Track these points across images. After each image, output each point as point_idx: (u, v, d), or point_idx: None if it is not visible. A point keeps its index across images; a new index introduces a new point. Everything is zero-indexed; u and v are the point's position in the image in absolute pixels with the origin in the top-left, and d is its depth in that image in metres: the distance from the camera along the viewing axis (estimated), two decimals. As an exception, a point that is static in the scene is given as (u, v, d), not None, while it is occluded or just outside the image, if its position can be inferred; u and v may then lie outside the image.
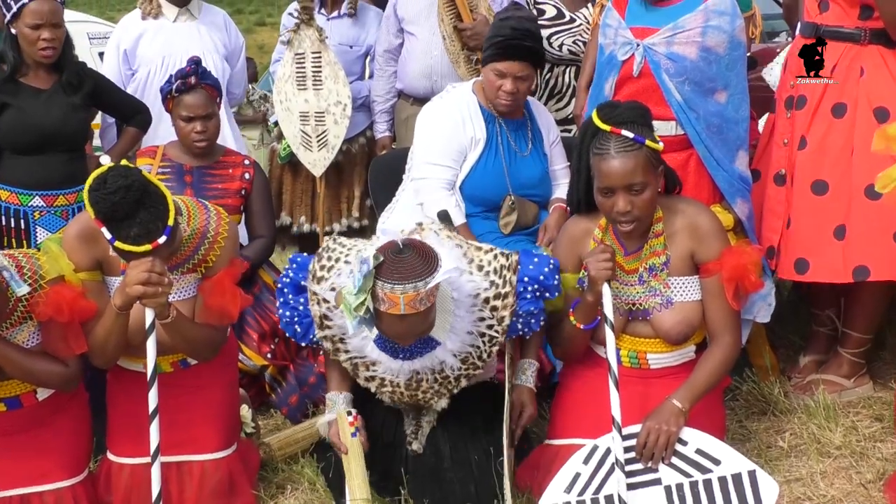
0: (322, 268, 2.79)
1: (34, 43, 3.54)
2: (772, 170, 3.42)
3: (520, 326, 2.82)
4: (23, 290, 2.61)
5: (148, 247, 2.53)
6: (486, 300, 2.73)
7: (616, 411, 2.65)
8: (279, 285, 2.90)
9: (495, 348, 2.80)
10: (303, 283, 2.83)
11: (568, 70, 4.23)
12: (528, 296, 2.78)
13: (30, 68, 3.63)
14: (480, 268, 2.76)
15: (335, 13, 4.54)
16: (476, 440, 2.89)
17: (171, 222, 2.56)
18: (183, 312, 2.80)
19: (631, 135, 2.70)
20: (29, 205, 3.64)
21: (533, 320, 2.83)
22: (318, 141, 4.34)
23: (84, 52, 6.54)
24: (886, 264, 3.13)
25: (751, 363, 3.55)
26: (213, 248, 2.86)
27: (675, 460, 2.67)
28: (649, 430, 2.67)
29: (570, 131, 4.11)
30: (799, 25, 3.43)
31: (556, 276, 2.85)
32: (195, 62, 3.67)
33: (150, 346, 2.62)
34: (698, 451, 2.67)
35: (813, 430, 3.17)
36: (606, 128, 2.73)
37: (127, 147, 3.95)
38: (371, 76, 4.65)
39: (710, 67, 3.22)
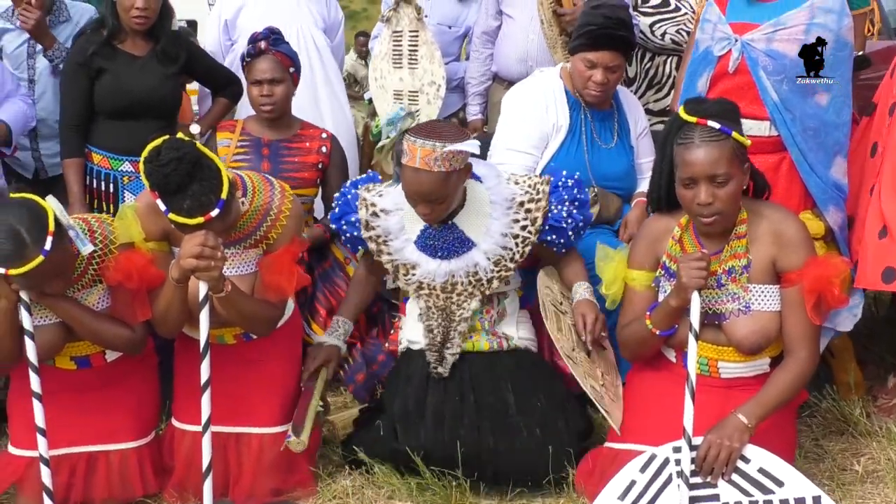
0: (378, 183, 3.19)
1: (128, 10, 3.60)
2: (867, 181, 3.20)
3: (566, 230, 3.02)
4: (87, 248, 2.65)
5: (200, 219, 2.54)
6: (521, 203, 3.01)
7: (689, 423, 2.56)
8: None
9: (527, 248, 3.02)
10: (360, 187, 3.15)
11: (669, 60, 4.10)
12: (564, 194, 3.01)
13: (127, 35, 3.69)
14: (517, 182, 3.06)
15: (438, -8, 4.51)
16: (538, 389, 2.99)
17: (224, 195, 2.56)
18: (241, 287, 2.81)
19: (717, 125, 2.60)
20: (119, 169, 3.72)
21: (569, 229, 3.02)
22: (411, 120, 4.31)
23: (204, 17, 6.70)
24: None
25: (833, 379, 3.39)
26: (276, 225, 2.87)
27: (735, 477, 2.57)
28: (710, 444, 2.57)
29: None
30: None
31: (582, 187, 3.09)
32: (270, 30, 3.68)
33: (203, 318, 2.64)
34: (761, 471, 2.56)
35: (892, 456, 3.00)
36: (692, 119, 2.64)
37: (217, 117, 3.99)
38: (468, 58, 4.59)
39: (813, 67, 3.06)
